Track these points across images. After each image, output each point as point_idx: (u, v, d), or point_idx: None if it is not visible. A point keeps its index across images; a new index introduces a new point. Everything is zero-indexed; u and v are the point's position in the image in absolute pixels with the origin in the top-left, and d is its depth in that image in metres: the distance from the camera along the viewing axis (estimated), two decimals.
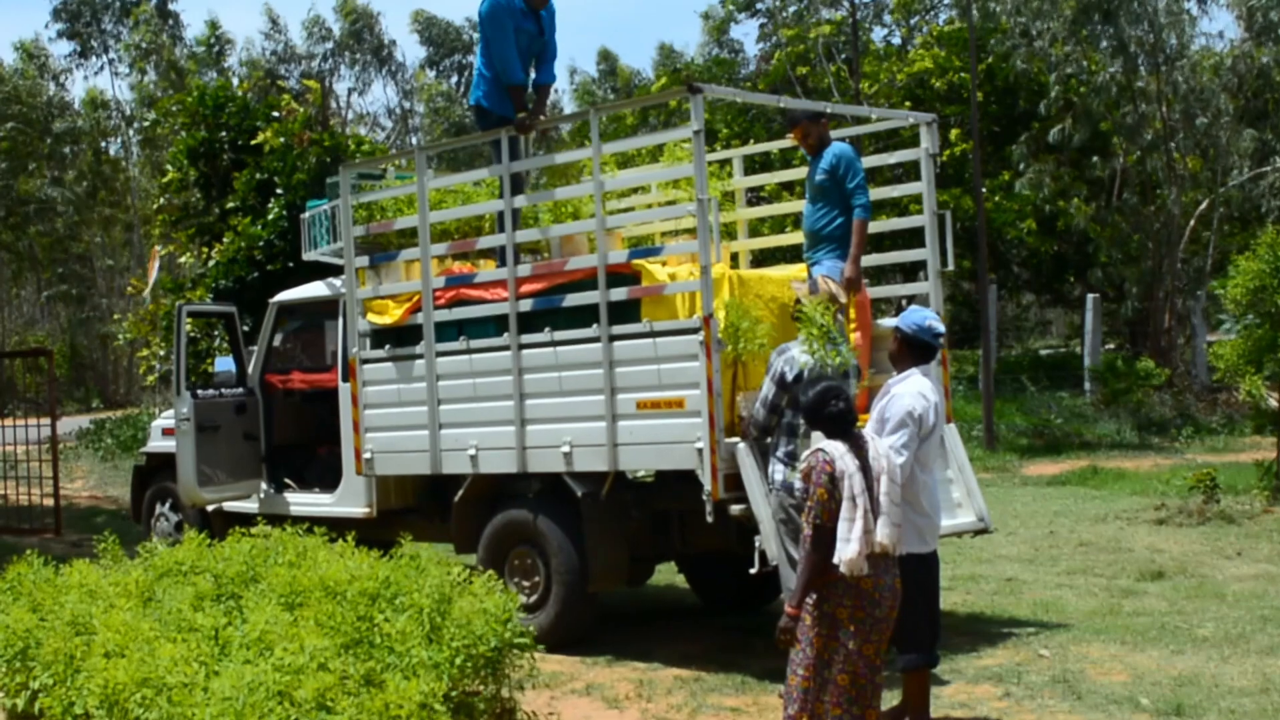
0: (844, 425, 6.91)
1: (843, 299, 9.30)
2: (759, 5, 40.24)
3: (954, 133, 31.44)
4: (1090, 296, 30.65)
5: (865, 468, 6.77)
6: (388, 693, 6.58)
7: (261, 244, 20.65)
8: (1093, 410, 27.62)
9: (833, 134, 10.87)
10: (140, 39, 57.07)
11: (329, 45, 66.57)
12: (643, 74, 66.24)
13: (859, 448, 6.85)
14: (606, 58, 72.35)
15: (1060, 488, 20.64)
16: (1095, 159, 32.18)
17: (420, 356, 11.57)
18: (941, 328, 8.39)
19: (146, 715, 6.73)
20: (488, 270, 11.62)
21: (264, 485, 13.57)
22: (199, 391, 13.38)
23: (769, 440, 9.30)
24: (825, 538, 6.63)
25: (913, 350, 8.22)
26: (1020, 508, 18.33)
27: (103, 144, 54.97)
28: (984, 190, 28.74)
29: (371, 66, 67.13)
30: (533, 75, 12.08)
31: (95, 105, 56.65)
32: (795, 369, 8.93)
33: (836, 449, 6.78)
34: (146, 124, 41.93)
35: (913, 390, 8.02)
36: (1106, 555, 14.36)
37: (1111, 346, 37.36)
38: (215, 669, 7.02)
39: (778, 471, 8.94)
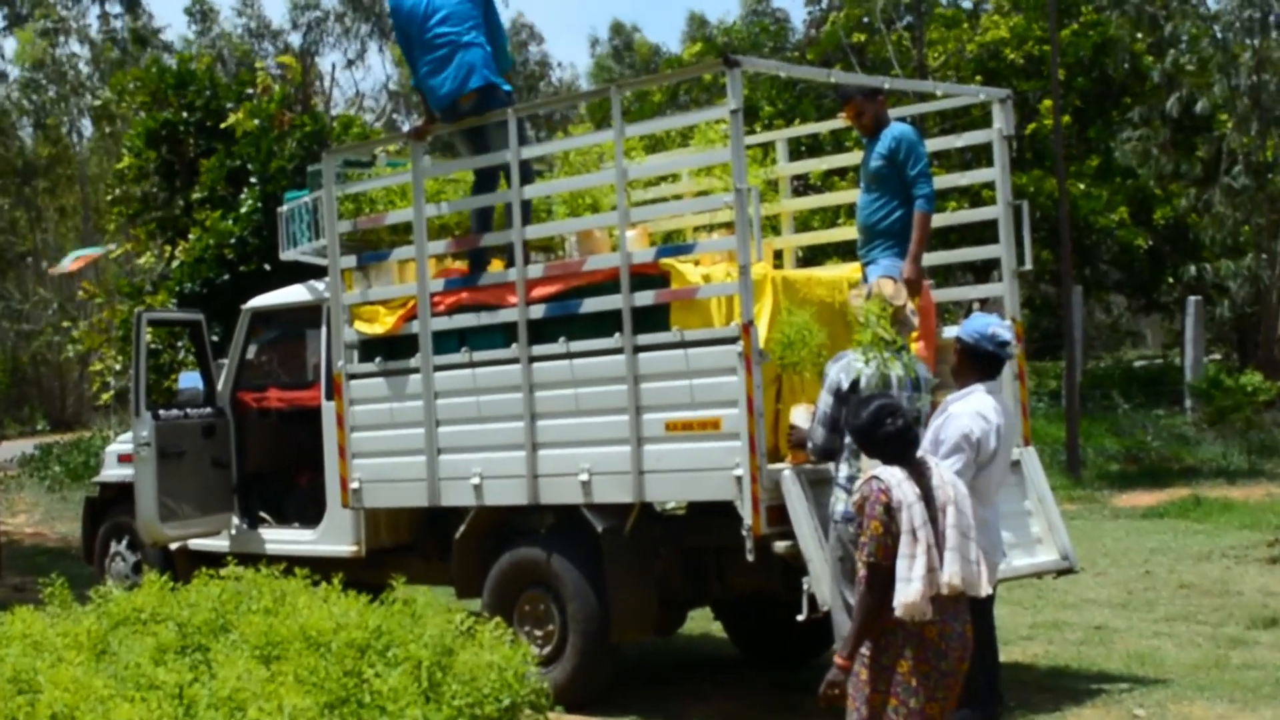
0: (901, 448, 6.88)
1: (900, 301, 9.24)
2: None
3: (1045, 104, 31.23)
4: (1191, 299, 30.56)
5: (928, 497, 6.73)
6: None
7: (233, 241, 20.72)
8: (1195, 431, 27.52)
9: (892, 113, 10.86)
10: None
11: (315, 14, 66.70)
12: (666, 49, 66.14)
13: (920, 474, 6.82)
14: (620, 31, 72.09)
15: (1157, 521, 20.59)
16: (1199, 136, 32.02)
17: (416, 371, 11.59)
18: (1008, 335, 8.42)
19: None
20: (493, 271, 11.64)
21: (236, 520, 13.60)
22: (161, 412, 13.42)
23: (831, 464, 9.24)
24: (881, 578, 6.60)
25: (976, 363, 8.26)
26: (1111, 544, 18.29)
27: (45, 119, 54.76)
28: (1070, 175, 28.70)
29: (371, 38, 67.22)
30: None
31: (38, 66, 56.10)
32: (852, 376, 8.88)
33: (893, 476, 6.74)
34: (98, 102, 42.04)
35: (971, 410, 8.04)
36: (1211, 599, 14.32)
37: (1217, 357, 37.22)
38: None
39: (839, 501, 8.88)
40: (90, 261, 26.31)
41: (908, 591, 6.53)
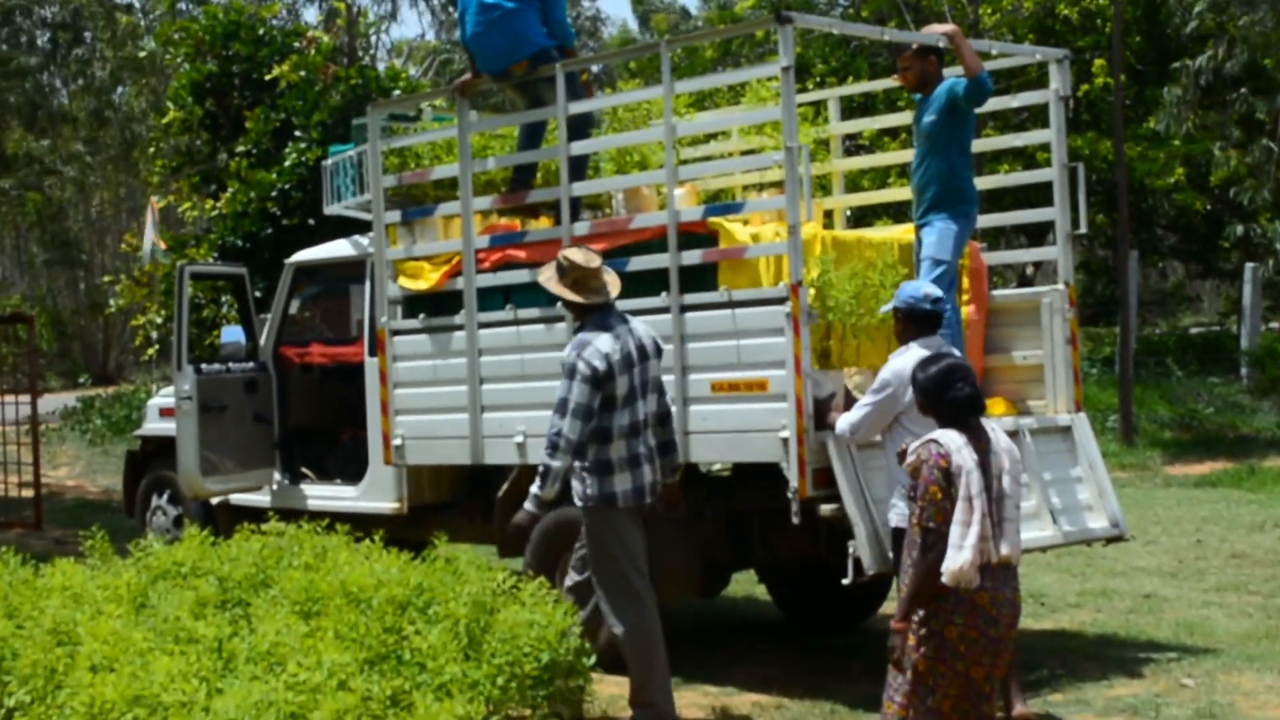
0: (967, 413, 6.89)
1: (594, 265, 9.31)
2: None
3: (1098, 63, 31.05)
4: (1249, 266, 30.37)
5: (984, 464, 6.74)
6: (417, 715, 6.64)
7: (275, 194, 20.78)
8: (1250, 400, 27.42)
9: (946, 73, 10.80)
10: None
11: None
12: (694, 17, 65.22)
13: (979, 440, 6.82)
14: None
15: (1210, 490, 20.55)
16: (1249, 97, 31.69)
17: (460, 328, 11.61)
18: (937, 291, 8.93)
19: None
20: (540, 228, 11.66)
21: (277, 475, 13.67)
22: (203, 366, 13.48)
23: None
24: (938, 542, 6.62)
25: (916, 324, 8.78)
26: (1162, 513, 18.26)
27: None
28: (1126, 137, 28.49)
29: None
30: None
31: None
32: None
33: (953, 441, 6.74)
34: (143, 53, 41.99)
35: (893, 364, 8.75)
36: (1263, 569, 14.30)
37: (1276, 325, 37.02)
38: (218, 686, 7.09)
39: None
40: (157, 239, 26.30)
41: (958, 559, 6.55)
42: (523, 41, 11.42)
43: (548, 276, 9.41)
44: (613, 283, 9.39)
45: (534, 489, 9.03)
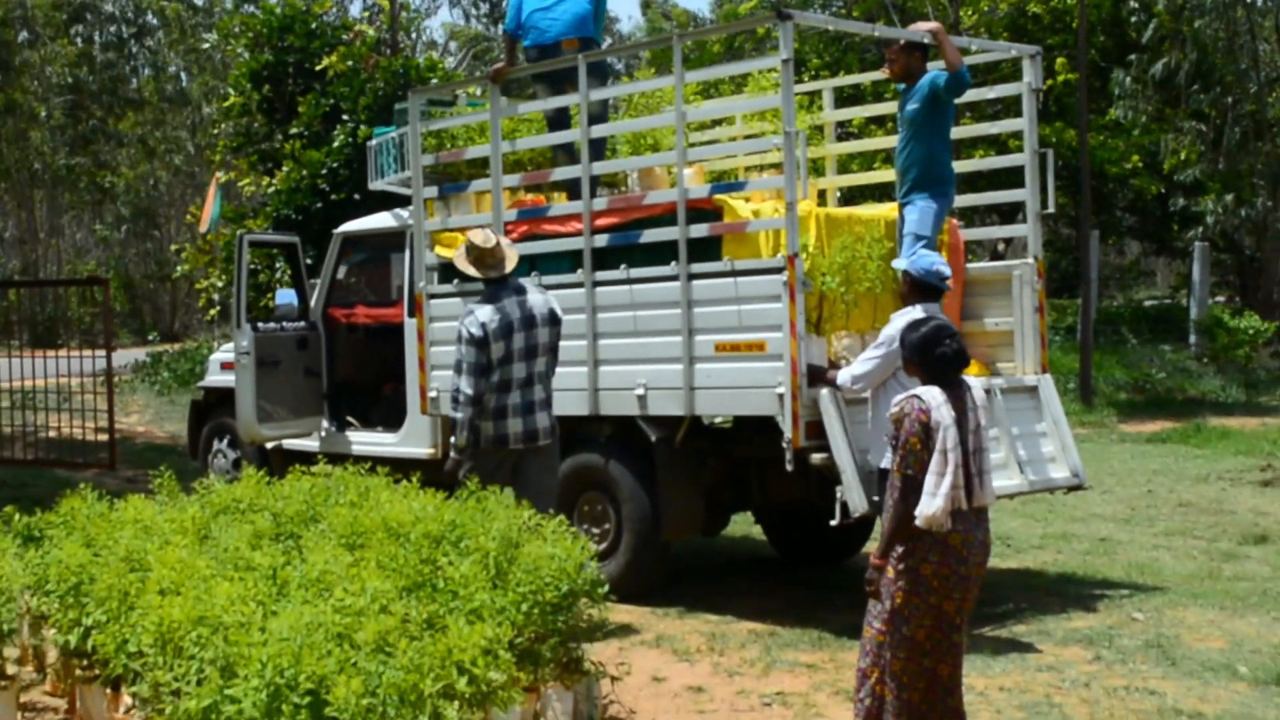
0: (952, 370, 6.86)
1: (490, 245, 9.58)
2: None
3: (1059, 62, 30.98)
4: (1198, 245, 30.30)
5: (961, 420, 6.72)
6: (450, 637, 6.64)
7: (325, 172, 20.76)
8: (1197, 366, 27.41)
9: (930, 67, 10.76)
10: None
11: None
12: (702, 16, 64.85)
13: (959, 397, 6.80)
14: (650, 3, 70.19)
15: (1160, 445, 20.53)
16: (1200, 92, 31.56)
17: None
18: (949, 272, 8.96)
19: (202, 654, 6.81)
20: (562, 203, 11.66)
21: (325, 423, 13.70)
22: (259, 325, 13.50)
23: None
24: (915, 488, 6.62)
25: (921, 292, 8.83)
26: (1117, 465, 18.26)
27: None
28: (1089, 127, 28.38)
29: None
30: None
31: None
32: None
33: (934, 397, 6.70)
34: (207, 45, 42.05)
35: (901, 321, 8.63)
36: (1207, 517, 14.29)
37: (1221, 299, 36.93)
38: (273, 609, 7.09)
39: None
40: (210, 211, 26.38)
41: (931, 505, 6.54)
42: (584, 23, 11.81)
43: (458, 255, 9.85)
44: (510, 258, 9.68)
45: (452, 440, 9.49)
